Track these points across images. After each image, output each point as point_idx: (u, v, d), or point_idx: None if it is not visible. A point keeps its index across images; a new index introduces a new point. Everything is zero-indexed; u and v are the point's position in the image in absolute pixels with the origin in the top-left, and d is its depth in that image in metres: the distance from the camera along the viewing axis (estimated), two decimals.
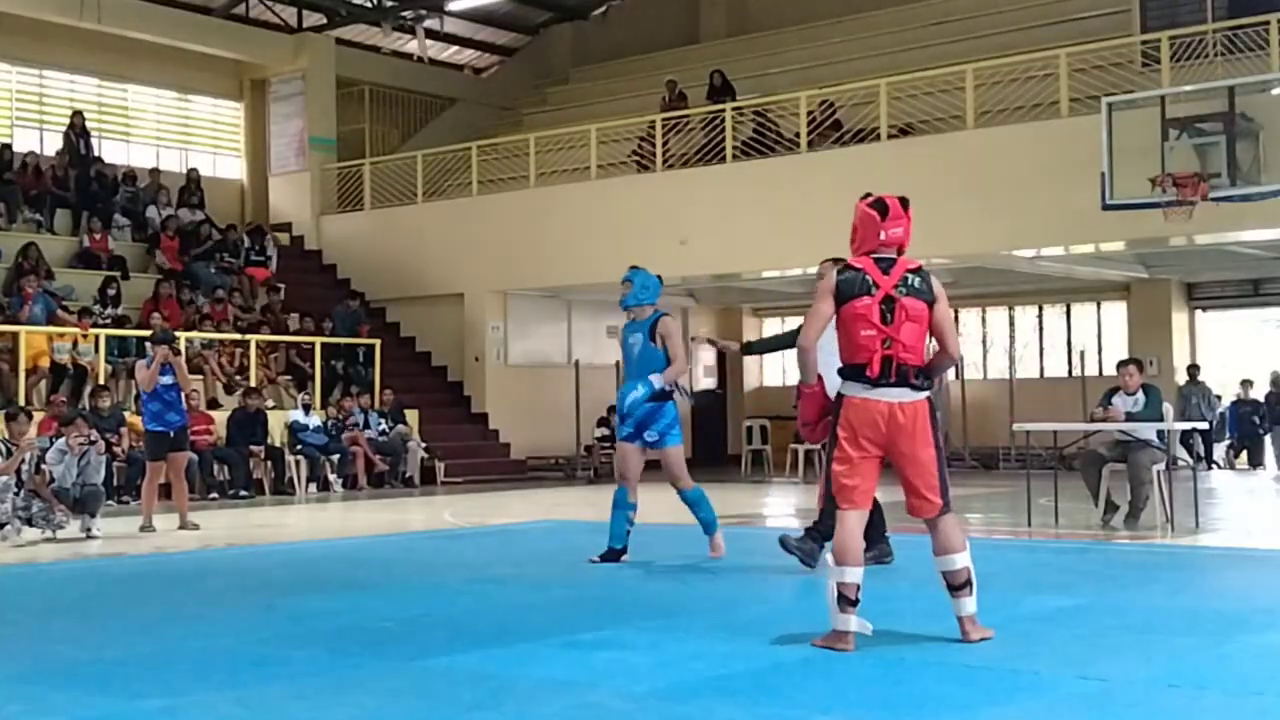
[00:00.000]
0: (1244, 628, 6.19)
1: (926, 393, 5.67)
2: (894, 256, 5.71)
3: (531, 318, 21.10)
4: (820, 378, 6.17)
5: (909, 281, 5.65)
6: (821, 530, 7.83)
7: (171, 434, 11.94)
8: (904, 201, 5.78)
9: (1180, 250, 17.58)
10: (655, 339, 8.49)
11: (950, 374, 22.27)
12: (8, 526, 10.56)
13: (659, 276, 8.85)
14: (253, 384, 17.53)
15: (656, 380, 8.41)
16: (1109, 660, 5.38)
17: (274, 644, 6.04)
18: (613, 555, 8.62)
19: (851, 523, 5.60)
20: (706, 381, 24.57)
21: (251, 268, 20.72)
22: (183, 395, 12.28)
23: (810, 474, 18.81)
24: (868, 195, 5.86)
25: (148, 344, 12.63)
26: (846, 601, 5.49)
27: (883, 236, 5.69)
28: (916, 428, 5.62)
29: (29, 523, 10.74)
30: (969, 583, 5.66)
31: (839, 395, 5.75)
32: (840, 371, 5.73)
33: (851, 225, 5.80)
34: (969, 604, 5.68)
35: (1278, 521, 12.99)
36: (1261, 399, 20.01)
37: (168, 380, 11.88)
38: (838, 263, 6.36)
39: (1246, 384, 20.25)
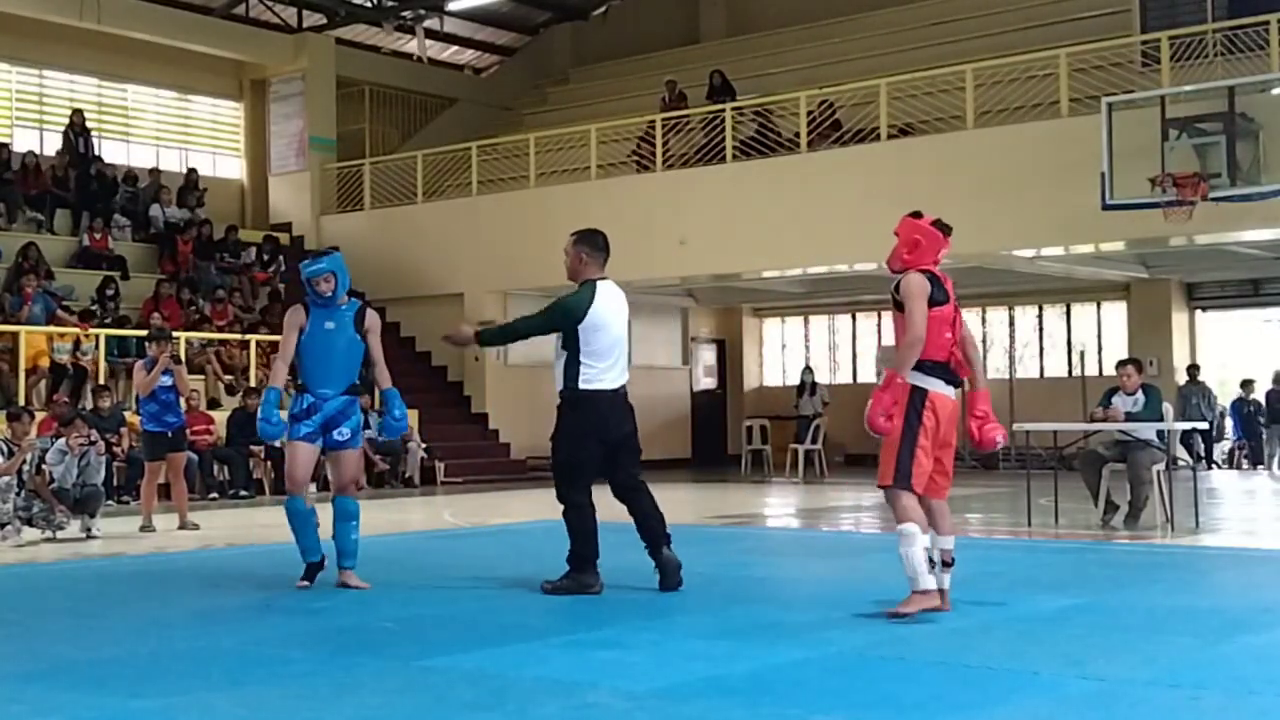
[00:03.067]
0: (1244, 628, 6.19)
1: None
2: (941, 275, 6.49)
3: None
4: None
5: (956, 300, 6.51)
6: (573, 556, 7.30)
7: (169, 434, 11.94)
8: (949, 228, 6.59)
9: (1180, 250, 17.58)
10: (361, 331, 7.77)
11: None
12: (8, 526, 10.56)
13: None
14: (252, 384, 17.53)
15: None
16: (1109, 660, 5.38)
17: (274, 644, 6.03)
18: (314, 571, 7.77)
19: (916, 499, 6.28)
20: (706, 381, 24.59)
21: (258, 272, 20.74)
22: (181, 397, 12.30)
23: (810, 474, 18.84)
24: (918, 213, 6.60)
25: (147, 343, 12.61)
26: (932, 563, 6.23)
27: (939, 255, 6.50)
28: (956, 421, 6.44)
29: (29, 523, 10.74)
30: (953, 562, 6.43)
31: (917, 388, 6.26)
32: (921, 366, 6.28)
33: (909, 238, 6.46)
34: (946, 579, 6.39)
35: (1278, 521, 12.99)
36: (1262, 398, 20.02)
37: (166, 382, 11.88)
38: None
39: (1248, 384, 20.27)
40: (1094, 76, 15.97)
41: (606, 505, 7.43)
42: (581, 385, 7.32)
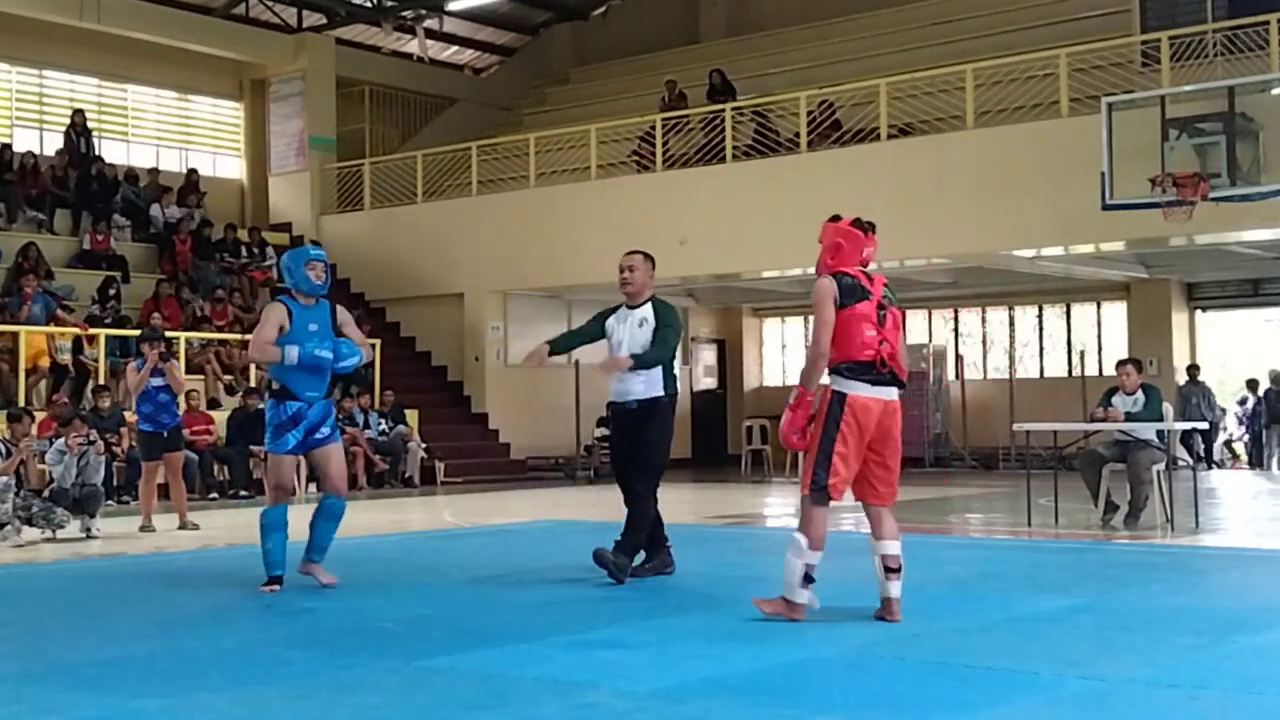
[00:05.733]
0: (1244, 628, 6.19)
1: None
2: (870, 273, 6.29)
3: (531, 318, 21.07)
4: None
5: (887, 294, 6.27)
6: (632, 544, 7.74)
7: (164, 434, 11.93)
8: (873, 225, 6.34)
9: (1180, 250, 17.58)
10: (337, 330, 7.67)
11: (950, 373, 22.42)
12: (8, 526, 10.56)
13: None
14: (252, 384, 17.53)
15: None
16: (1109, 660, 5.38)
17: (274, 644, 6.04)
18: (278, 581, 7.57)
19: (827, 513, 6.15)
20: (706, 381, 24.59)
21: (254, 271, 20.74)
22: (177, 397, 12.29)
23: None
24: (837, 217, 6.36)
25: (140, 344, 12.61)
26: (808, 579, 6.12)
27: (864, 254, 6.27)
28: (897, 426, 6.20)
29: (29, 523, 10.74)
30: (900, 568, 6.19)
31: (836, 393, 6.09)
32: (839, 369, 6.10)
33: (831, 242, 6.27)
34: (898, 587, 6.19)
35: (1277, 522, 12.98)
36: (1261, 397, 20.03)
37: (158, 382, 11.87)
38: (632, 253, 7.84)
39: (1252, 383, 20.28)
40: (1094, 76, 15.97)
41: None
42: (675, 391, 7.94)
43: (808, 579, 6.11)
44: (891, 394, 6.15)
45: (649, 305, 7.88)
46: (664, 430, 7.86)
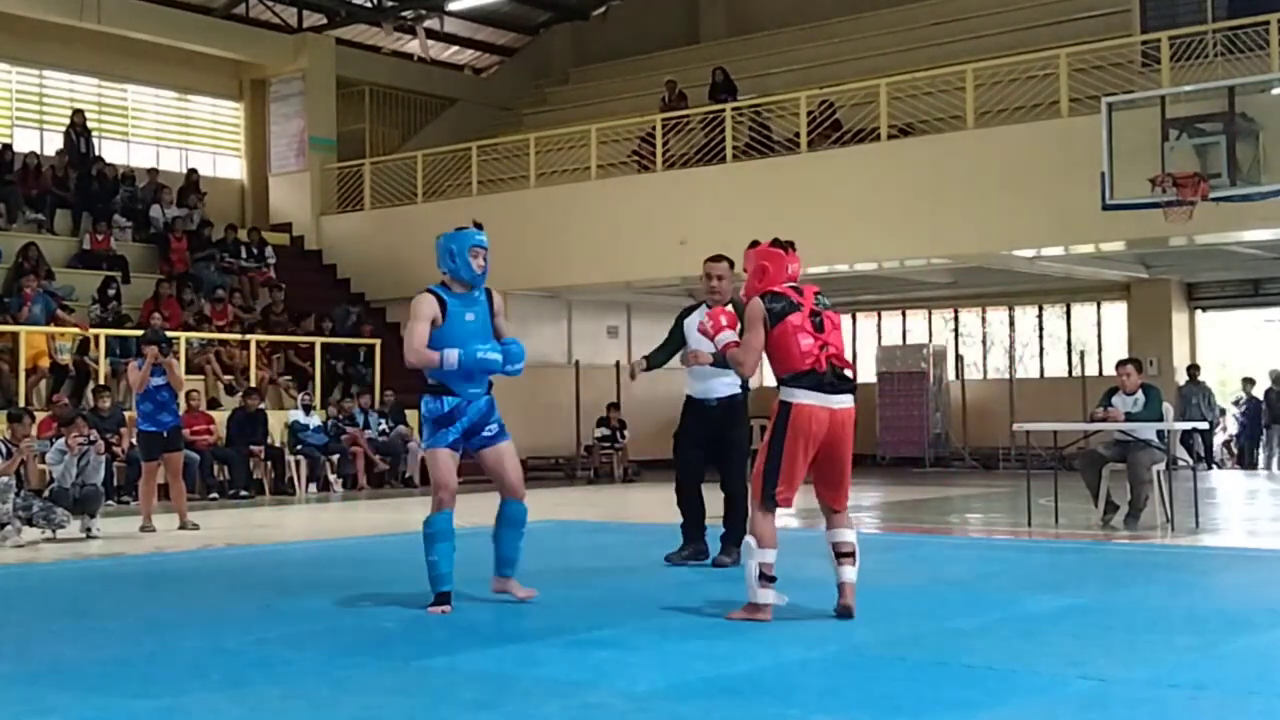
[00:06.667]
0: (1244, 628, 6.19)
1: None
2: (799, 286, 6.43)
3: (531, 318, 21.08)
4: None
5: (820, 300, 6.41)
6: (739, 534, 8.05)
7: (164, 434, 11.92)
8: (792, 243, 6.54)
9: (1180, 250, 17.58)
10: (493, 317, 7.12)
11: (950, 374, 22.43)
12: (8, 526, 10.56)
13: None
14: (253, 384, 17.54)
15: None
16: (1109, 660, 5.37)
17: (274, 644, 6.03)
18: (447, 599, 6.87)
19: (773, 516, 6.30)
20: None
21: (252, 272, 20.74)
22: (177, 396, 12.28)
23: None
24: (756, 242, 6.57)
25: (142, 345, 12.62)
26: (766, 579, 6.22)
27: (790, 270, 6.42)
28: (849, 431, 6.31)
29: (29, 523, 10.74)
30: (854, 554, 6.33)
31: (783, 403, 6.26)
32: (784, 381, 6.29)
33: (756, 266, 6.44)
34: (851, 573, 6.31)
35: (1277, 521, 12.98)
36: (1261, 397, 20.03)
37: (159, 381, 11.87)
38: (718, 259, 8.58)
39: (1248, 382, 20.28)
40: (1094, 76, 15.96)
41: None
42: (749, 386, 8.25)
43: (766, 578, 6.22)
44: (841, 401, 6.24)
45: (730, 306, 7.96)
46: (747, 425, 8.51)
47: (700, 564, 8.46)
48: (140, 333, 14.06)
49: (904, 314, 24.07)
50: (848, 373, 6.27)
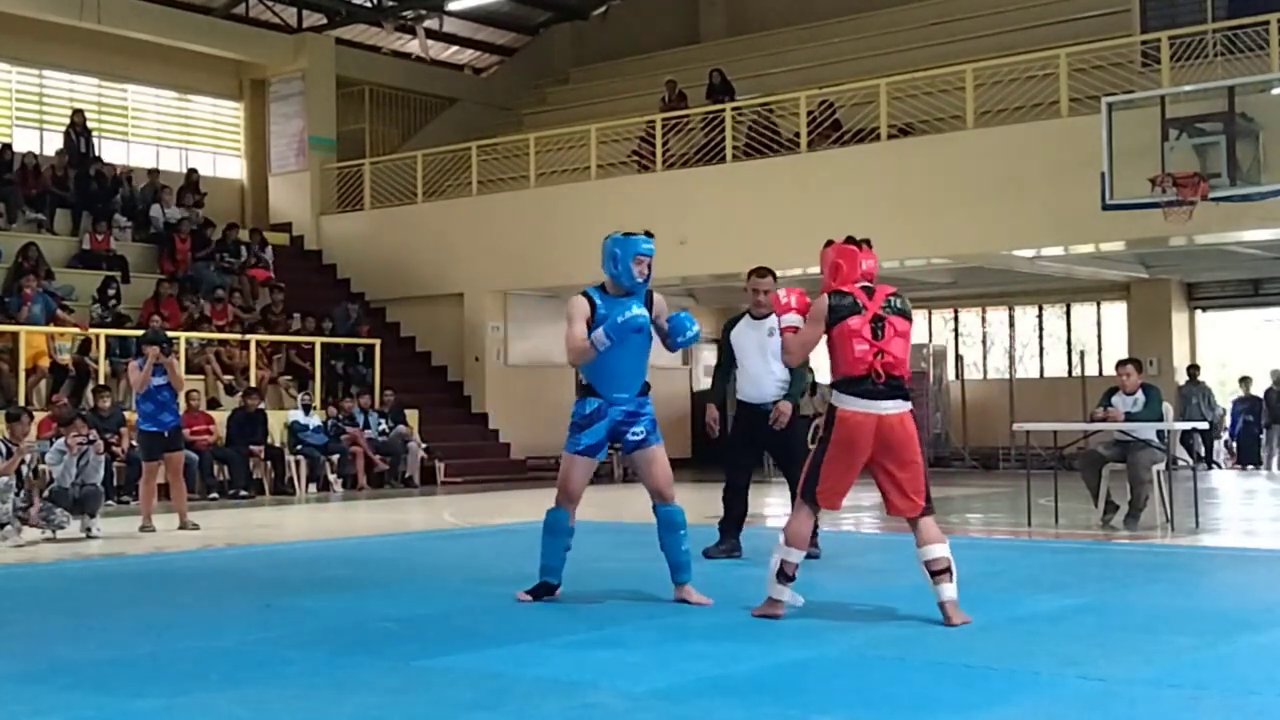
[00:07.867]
0: (1244, 628, 6.19)
1: (910, 404, 6.30)
2: (873, 285, 6.38)
3: (531, 318, 21.09)
4: None
5: (891, 303, 6.33)
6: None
7: (165, 434, 11.92)
8: (868, 240, 6.50)
9: (1180, 250, 17.58)
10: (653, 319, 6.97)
11: (950, 373, 22.42)
12: (8, 526, 10.56)
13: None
14: (253, 384, 17.54)
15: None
16: (1109, 660, 5.38)
17: (274, 644, 6.03)
18: (546, 590, 7.12)
19: (813, 518, 6.39)
20: (706, 381, 24.56)
21: (252, 270, 20.74)
22: (178, 396, 12.28)
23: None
24: (830, 241, 6.50)
25: (144, 346, 12.61)
26: (786, 577, 6.28)
27: (864, 268, 6.38)
28: (908, 436, 6.21)
29: (29, 523, 10.73)
30: (948, 570, 6.15)
31: (830, 407, 6.29)
32: (836, 385, 6.30)
33: (830, 264, 6.40)
34: (949, 590, 6.13)
35: (1278, 522, 12.98)
36: (1260, 396, 20.03)
37: (160, 381, 11.86)
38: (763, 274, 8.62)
39: (1246, 381, 20.28)
40: (1094, 76, 15.96)
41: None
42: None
43: (785, 576, 6.25)
44: (890, 406, 6.16)
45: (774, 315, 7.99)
46: (801, 425, 8.41)
47: (734, 559, 8.79)
48: (140, 333, 14.06)
49: (911, 321, 24.04)
50: (899, 377, 6.19)
